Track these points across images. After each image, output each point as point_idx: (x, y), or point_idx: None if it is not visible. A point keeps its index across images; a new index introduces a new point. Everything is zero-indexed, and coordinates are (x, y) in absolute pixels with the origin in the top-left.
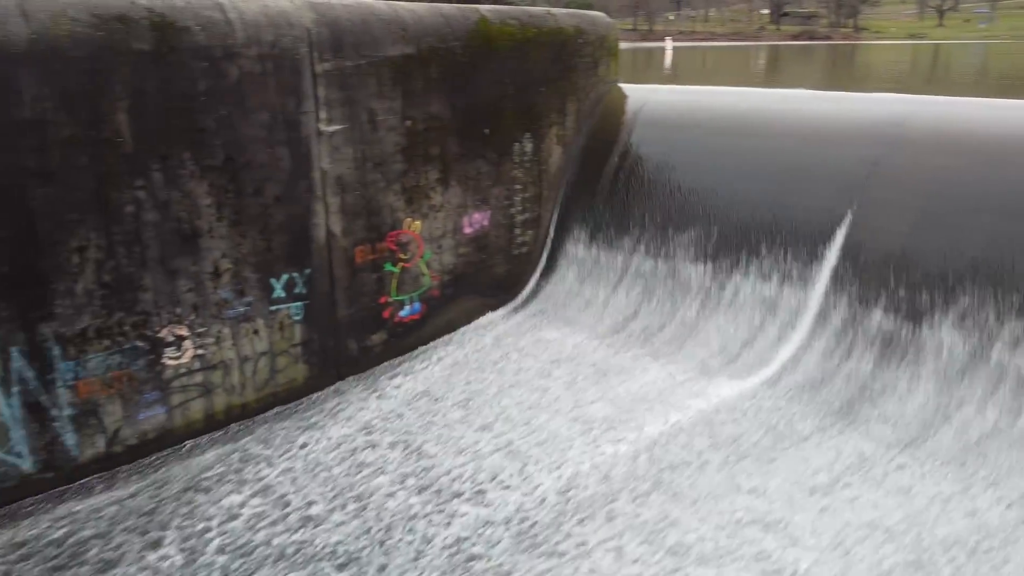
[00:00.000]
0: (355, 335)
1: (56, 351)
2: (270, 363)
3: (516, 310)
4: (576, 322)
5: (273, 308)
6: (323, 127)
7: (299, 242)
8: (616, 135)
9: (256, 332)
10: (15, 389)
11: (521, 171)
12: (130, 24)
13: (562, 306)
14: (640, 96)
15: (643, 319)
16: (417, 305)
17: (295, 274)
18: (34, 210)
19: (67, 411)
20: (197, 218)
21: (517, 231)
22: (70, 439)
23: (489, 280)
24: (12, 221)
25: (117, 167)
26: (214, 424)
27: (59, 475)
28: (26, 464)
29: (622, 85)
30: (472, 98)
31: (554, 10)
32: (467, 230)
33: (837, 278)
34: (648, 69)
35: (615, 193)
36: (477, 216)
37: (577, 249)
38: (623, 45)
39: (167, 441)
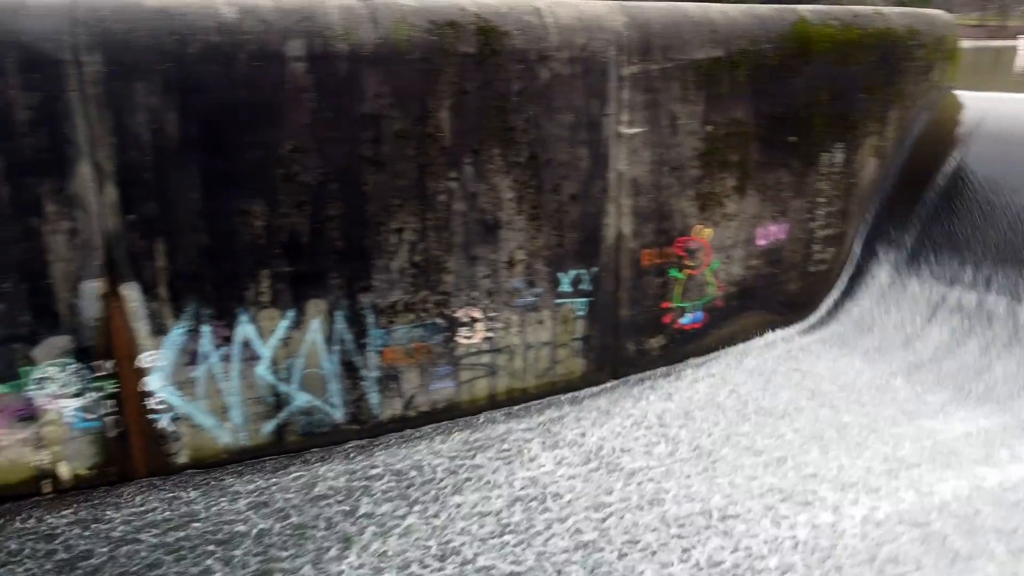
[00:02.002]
0: (634, 336)
1: (371, 319)
2: (551, 353)
3: (806, 331)
4: (876, 352)
5: (559, 301)
6: (623, 129)
7: (589, 240)
8: (946, 149)
9: (541, 322)
10: (336, 348)
11: (827, 183)
12: (459, 29)
13: (860, 333)
14: (981, 105)
15: (960, 359)
16: (699, 314)
17: (582, 271)
18: (365, 194)
19: (374, 373)
20: (499, 210)
21: (816, 247)
22: (374, 398)
23: (779, 296)
24: (347, 202)
25: (435, 159)
26: (495, 403)
27: (363, 428)
28: (338, 414)
29: (958, 92)
30: (780, 104)
31: (884, 9)
32: (760, 242)
33: None
34: (993, 72)
35: (939, 216)
36: (773, 228)
37: (884, 273)
38: (964, 44)
39: (453, 413)
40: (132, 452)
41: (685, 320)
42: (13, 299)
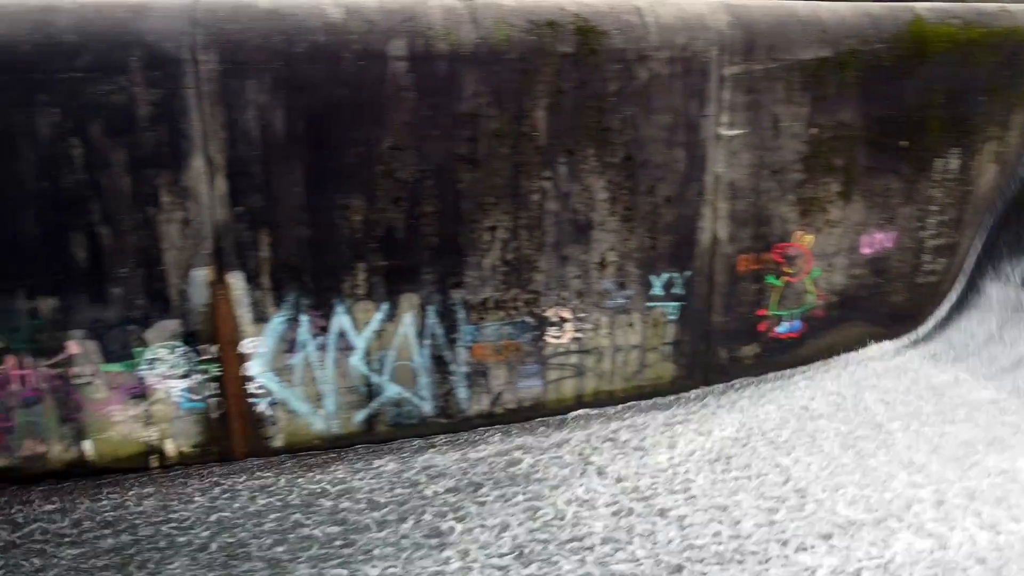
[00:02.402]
0: (727, 343)
1: (461, 315)
2: (640, 357)
3: (912, 345)
4: (993, 373)
5: (650, 305)
6: (722, 131)
7: (683, 244)
8: None
9: (631, 325)
10: (427, 342)
11: (940, 190)
12: (558, 28)
13: (974, 352)
14: None
15: None
16: (797, 323)
17: (675, 274)
18: (460, 191)
19: (463, 368)
20: (592, 211)
21: (926, 257)
22: (462, 393)
23: (883, 308)
24: (442, 199)
25: (530, 159)
26: (582, 404)
27: (451, 422)
28: (427, 407)
29: None
30: (890, 106)
31: (1011, 6)
32: (865, 250)
33: None
34: None
35: None
36: (879, 236)
37: (1004, 288)
38: None
39: (539, 411)
40: (232, 433)
41: (781, 329)
42: (130, 284)
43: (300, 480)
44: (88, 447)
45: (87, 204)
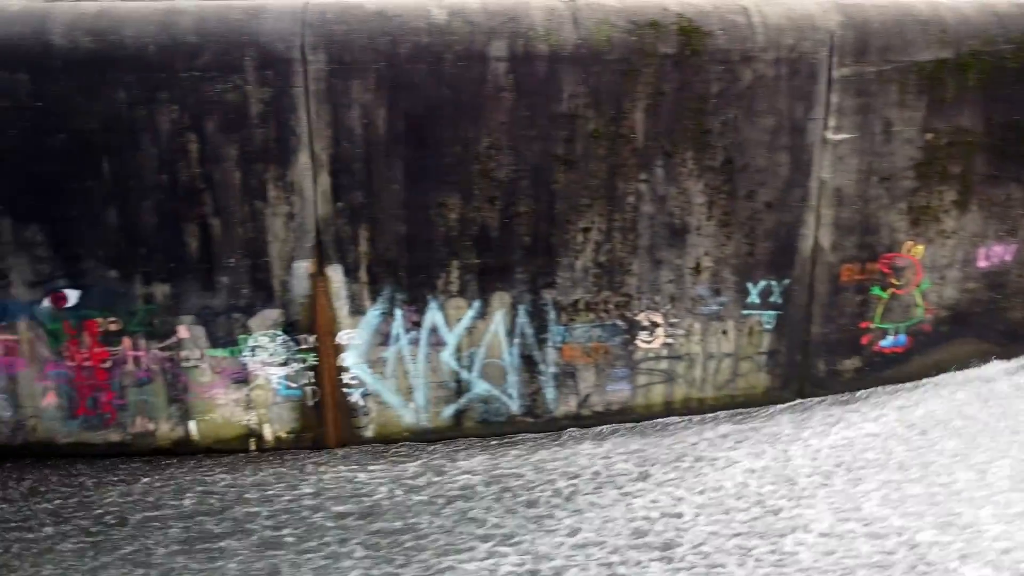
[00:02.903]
0: (825, 355)
1: (552, 315)
2: (733, 365)
3: None
4: None
5: (745, 312)
6: (829, 135)
7: (782, 251)
8: None
9: (725, 332)
10: (516, 341)
11: None
12: (660, 29)
13: None
14: None
15: None
16: (902, 337)
17: (773, 282)
18: (555, 192)
19: (552, 369)
20: (688, 215)
21: None
22: (550, 393)
23: (999, 324)
24: (537, 199)
25: (627, 160)
26: (670, 411)
27: (537, 421)
28: (514, 405)
29: None
30: (1017, 111)
31: None
32: (981, 263)
33: None
34: None
35: None
36: (997, 249)
37: None
38: None
39: (627, 416)
40: (326, 421)
41: (886, 343)
42: (237, 273)
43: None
44: (193, 427)
45: (200, 196)
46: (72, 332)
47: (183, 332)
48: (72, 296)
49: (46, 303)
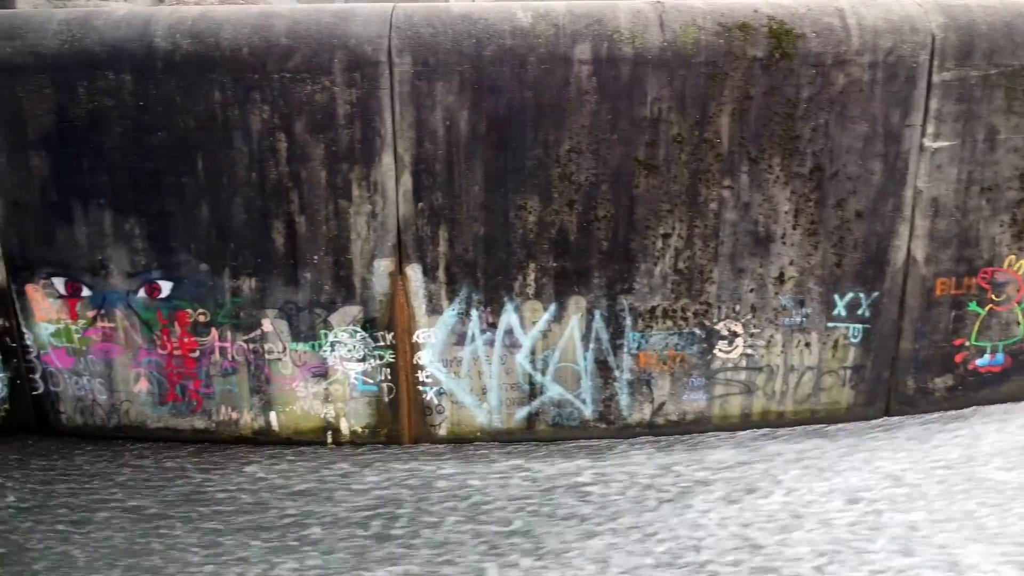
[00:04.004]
0: (915, 373)
1: (628, 321)
2: (815, 379)
3: None
4: None
5: (830, 325)
6: (927, 143)
7: (872, 262)
8: None
9: (808, 345)
10: (591, 346)
11: None
12: (749, 31)
13: None
14: None
15: None
16: (1000, 356)
17: (861, 294)
18: (636, 197)
19: (626, 375)
20: (773, 223)
21: None
22: (624, 400)
23: None
24: (617, 204)
25: (711, 166)
26: (748, 424)
27: (610, 428)
28: (587, 411)
29: None
30: None
31: None
32: None
33: None
34: None
35: None
36: None
37: None
38: None
39: (702, 426)
40: (401, 418)
41: (982, 362)
42: (320, 270)
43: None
44: (273, 418)
45: (288, 195)
46: (164, 322)
47: (267, 325)
48: (165, 287)
49: (141, 293)
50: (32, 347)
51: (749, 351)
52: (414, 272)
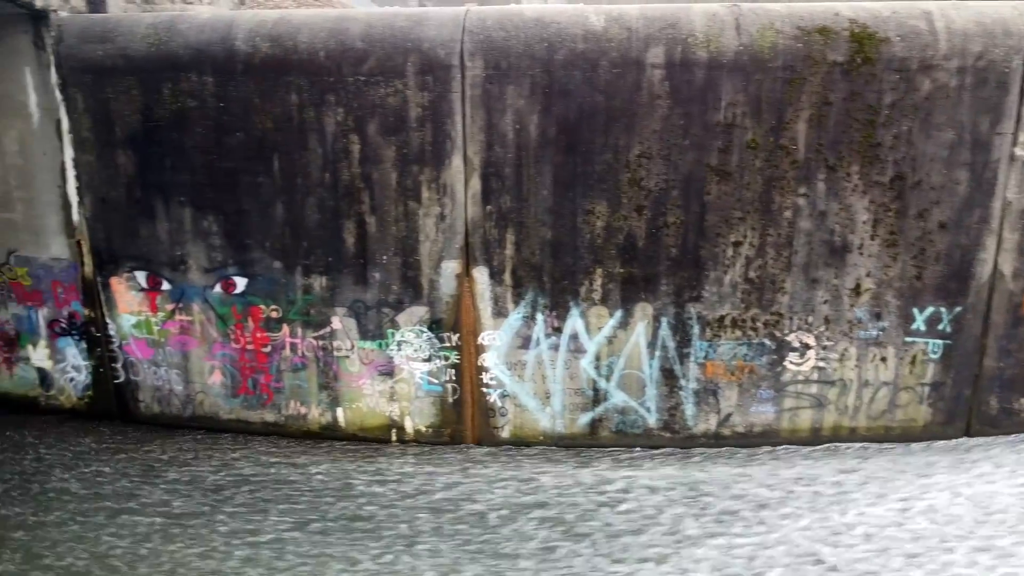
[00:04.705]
0: (1000, 391)
1: (695, 330)
2: (890, 395)
3: None
4: None
5: (908, 340)
6: (1019, 152)
7: (955, 276)
8: None
9: (883, 360)
10: (657, 353)
11: None
12: (829, 35)
13: None
14: None
15: None
16: None
17: (942, 309)
18: (707, 204)
19: (692, 384)
20: (850, 232)
21: None
22: (689, 409)
23: None
24: (687, 210)
25: (786, 173)
26: (818, 439)
27: (675, 437)
28: (651, 419)
29: None
30: None
31: None
32: None
33: None
34: None
35: None
36: None
37: None
38: None
39: (770, 439)
40: (464, 419)
41: None
42: (388, 270)
43: None
44: (340, 414)
45: (359, 195)
46: (238, 317)
47: (336, 323)
48: (240, 283)
49: (217, 288)
50: (115, 337)
51: (821, 364)
52: (481, 274)
